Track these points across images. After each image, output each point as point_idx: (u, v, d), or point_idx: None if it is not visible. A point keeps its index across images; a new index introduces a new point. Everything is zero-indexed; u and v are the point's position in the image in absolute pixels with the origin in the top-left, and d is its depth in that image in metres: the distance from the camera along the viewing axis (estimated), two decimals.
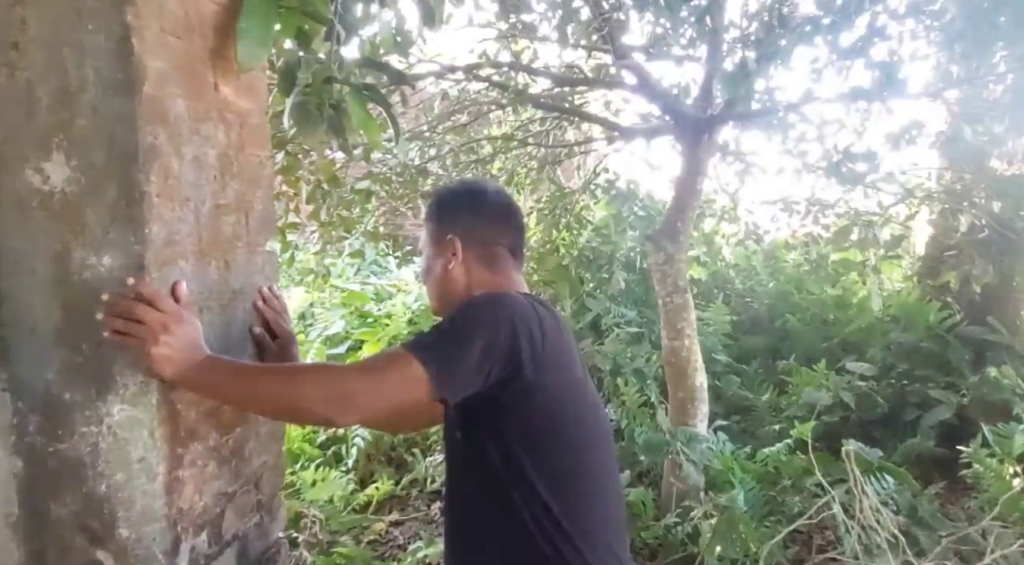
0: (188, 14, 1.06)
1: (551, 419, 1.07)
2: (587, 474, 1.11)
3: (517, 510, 1.05)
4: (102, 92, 0.96)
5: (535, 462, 1.05)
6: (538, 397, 1.05)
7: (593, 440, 1.13)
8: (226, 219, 1.17)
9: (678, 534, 2.77)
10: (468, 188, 1.35)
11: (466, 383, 1.00)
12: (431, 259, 1.26)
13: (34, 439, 1.02)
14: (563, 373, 1.10)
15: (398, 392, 0.99)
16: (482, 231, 1.23)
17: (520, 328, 1.03)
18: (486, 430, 1.06)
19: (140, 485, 1.00)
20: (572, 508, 1.06)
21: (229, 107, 1.18)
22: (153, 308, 0.95)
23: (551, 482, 1.05)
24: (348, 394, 0.96)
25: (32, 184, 0.98)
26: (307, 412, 1.01)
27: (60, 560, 1.03)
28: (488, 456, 1.06)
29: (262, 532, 1.29)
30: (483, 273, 1.21)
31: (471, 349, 0.99)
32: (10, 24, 0.96)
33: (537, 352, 1.03)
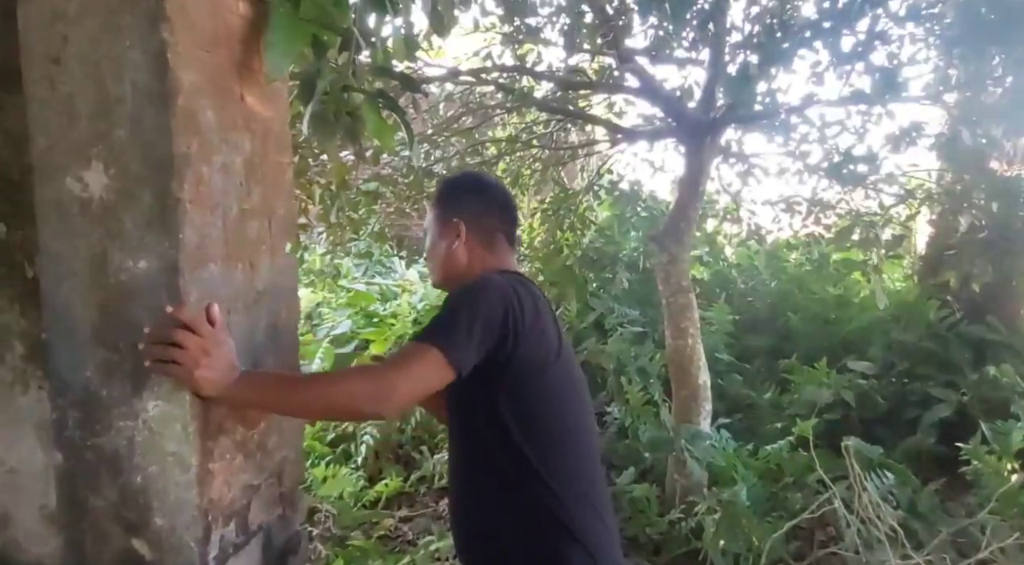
0: (217, 28, 1.12)
1: (531, 380, 1.23)
2: (563, 428, 1.26)
3: (503, 460, 1.21)
4: (139, 104, 1.01)
5: (518, 416, 1.21)
6: (520, 362, 1.20)
7: (569, 397, 1.29)
8: (251, 223, 1.22)
9: (682, 529, 2.81)
10: (473, 178, 1.58)
11: (473, 357, 1.16)
12: (437, 239, 1.43)
13: (73, 433, 1.07)
14: (541, 341, 1.24)
15: (431, 378, 1.13)
16: (484, 217, 1.41)
17: (507, 307, 1.19)
18: (478, 392, 1.21)
19: (173, 477, 1.05)
20: (549, 456, 1.22)
21: (254, 116, 1.23)
22: (192, 333, 1.00)
23: (531, 434, 1.21)
24: (389, 389, 1.09)
25: (72, 191, 1.03)
26: (355, 410, 1.17)
27: (97, 548, 1.08)
28: (479, 413, 1.23)
29: (285, 523, 1.34)
30: (483, 254, 1.39)
31: (474, 329, 1.15)
32: (51, 40, 1.01)
33: (519, 325, 1.19)
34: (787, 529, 2.65)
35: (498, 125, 4.91)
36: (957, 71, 2.76)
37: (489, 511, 1.25)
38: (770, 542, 2.54)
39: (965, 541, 2.48)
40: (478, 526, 1.28)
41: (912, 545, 2.29)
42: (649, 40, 3.62)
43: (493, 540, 1.25)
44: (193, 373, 1.00)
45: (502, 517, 1.23)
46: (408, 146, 1.64)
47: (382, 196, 3.85)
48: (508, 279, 1.27)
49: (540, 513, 1.20)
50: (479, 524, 1.28)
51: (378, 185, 3.76)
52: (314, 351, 4.34)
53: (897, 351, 4.22)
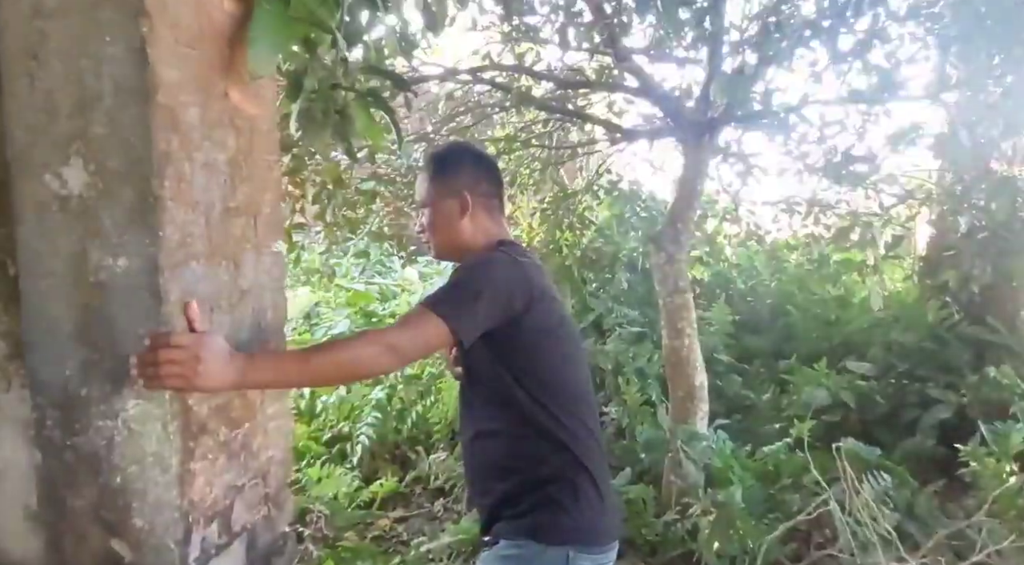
0: (200, 25, 1.11)
1: (535, 341, 1.32)
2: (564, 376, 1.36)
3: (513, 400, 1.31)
4: (118, 101, 1.00)
5: (523, 368, 1.31)
6: (524, 327, 1.30)
7: (567, 352, 1.38)
8: (236, 222, 1.21)
9: (678, 531, 2.80)
10: (466, 148, 1.59)
11: (476, 328, 1.23)
12: (439, 211, 1.43)
13: (52, 433, 1.06)
14: (548, 311, 1.33)
15: (430, 341, 1.22)
16: (483, 185, 1.44)
17: (513, 286, 1.28)
18: (488, 352, 1.30)
19: (153, 477, 1.04)
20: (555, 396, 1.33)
21: (239, 113, 1.22)
22: (176, 347, 0.98)
23: (536, 384, 1.32)
24: (396, 347, 1.17)
25: (51, 188, 1.02)
26: (367, 369, 1.24)
27: (77, 549, 1.08)
28: (490, 369, 1.32)
29: (270, 524, 1.33)
30: (486, 223, 1.43)
31: (478, 302, 1.22)
32: (30, 36, 1.00)
33: (523, 297, 1.28)
34: (783, 531, 2.63)
35: (497, 124, 4.90)
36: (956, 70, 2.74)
37: (502, 445, 1.34)
38: (766, 544, 2.52)
39: (962, 543, 2.46)
40: (493, 462, 1.36)
41: (909, 547, 2.27)
42: (647, 39, 3.61)
43: (509, 472, 1.33)
44: (193, 382, 0.98)
45: (515, 449, 1.32)
46: (398, 145, 1.63)
47: (380, 195, 3.84)
48: (513, 255, 1.34)
49: (548, 442, 1.31)
50: (494, 461, 1.35)
51: (375, 184, 3.75)
52: None
53: (897, 352, 4.20)
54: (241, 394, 1.21)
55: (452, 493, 3.38)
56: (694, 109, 3.21)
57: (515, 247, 1.42)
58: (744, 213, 4.88)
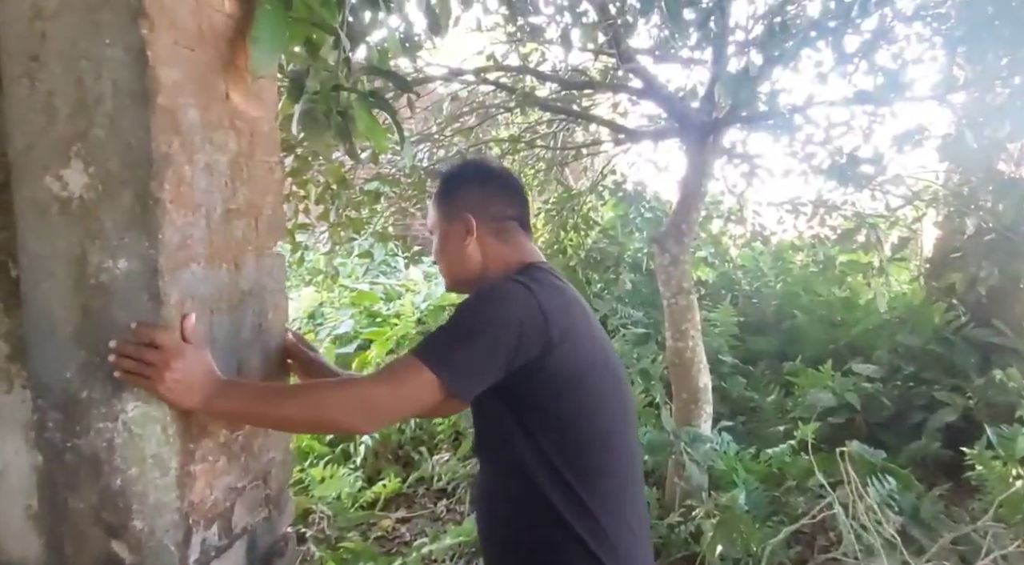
0: (200, 26, 1.10)
1: (554, 394, 1.10)
2: (598, 442, 1.12)
3: (530, 476, 1.09)
4: (118, 103, 1.00)
5: (547, 432, 1.10)
6: (547, 375, 1.08)
7: (607, 408, 1.14)
8: (236, 223, 1.21)
9: (681, 533, 2.79)
10: (474, 166, 1.40)
11: (475, 381, 1.06)
12: (445, 238, 1.28)
13: (53, 435, 1.06)
14: (563, 350, 1.09)
15: (416, 398, 1.05)
16: (492, 206, 1.26)
17: (524, 320, 1.06)
18: (496, 404, 1.11)
19: (153, 479, 1.04)
20: (583, 475, 1.10)
21: (240, 115, 1.22)
22: (156, 349, 0.99)
23: (562, 450, 1.09)
24: (372, 406, 1.03)
25: (52, 191, 1.02)
26: (335, 425, 1.12)
27: (77, 551, 1.07)
28: (497, 423, 1.13)
29: (270, 526, 1.33)
30: (497, 247, 1.25)
31: (476, 348, 1.04)
32: (30, 37, 1.00)
33: (538, 340, 1.06)
34: (787, 534, 2.62)
35: (501, 125, 4.90)
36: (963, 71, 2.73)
37: (505, 519, 1.16)
38: (770, 547, 2.51)
39: (968, 548, 2.44)
40: (495, 536, 1.20)
41: (914, 551, 2.26)
42: (652, 40, 3.60)
43: (509, 555, 1.17)
44: (158, 388, 0.99)
45: (520, 528, 1.13)
46: (400, 146, 1.63)
47: (384, 195, 3.84)
48: (529, 281, 1.13)
49: (562, 530, 1.09)
50: (496, 535, 1.19)
51: (379, 184, 3.75)
52: None
53: (903, 354, 4.18)
54: None
55: (455, 494, 3.38)
56: (698, 110, 3.20)
57: (539, 272, 1.19)
58: (749, 214, 4.86)
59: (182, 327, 1.04)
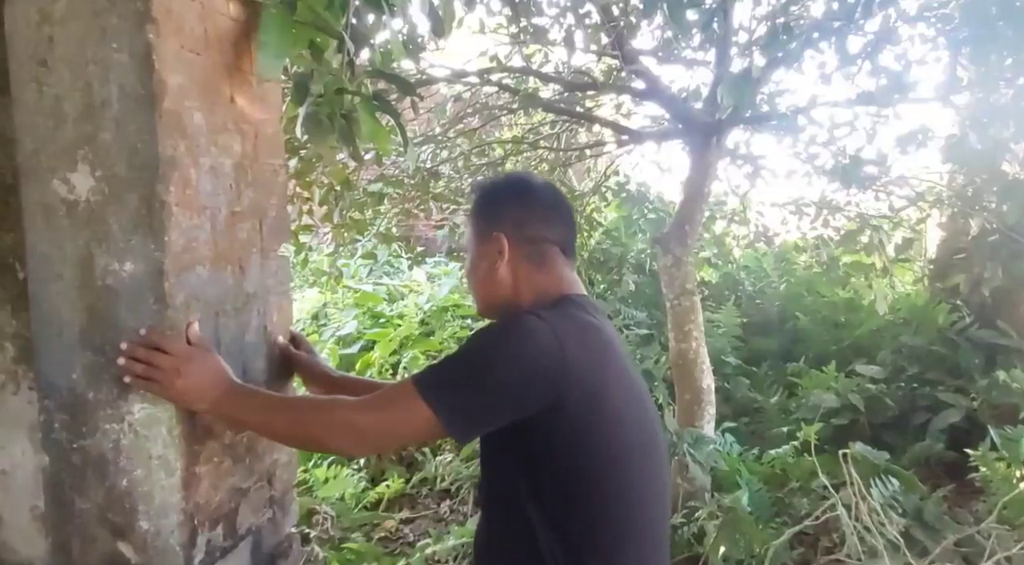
0: (206, 30, 1.11)
1: (580, 446, 0.98)
2: (620, 505, 1.01)
3: (535, 542, 0.99)
4: (125, 107, 1.01)
5: (557, 502, 0.99)
6: (549, 429, 0.97)
7: (633, 467, 1.02)
8: (241, 226, 1.22)
9: (684, 534, 2.79)
10: (515, 181, 1.24)
11: (474, 425, 0.98)
12: (476, 258, 1.17)
13: (60, 436, 1.07)
14: (596, 407, 0.98)
15: (407, 430, 1.01)
16: (530, 227, 1.13)
17: (540, 366, 0.95)
18: (508, 466, 1.02)
19: (159, 480, 1.05)
20: (600, 540, 0.99)
21: (244, 118, 1.22)
22: (164, 353, 1.00)
23: (574, 526, 0.98)
24: (361, 432, 1.00)
25: (59, 193, 1.03)
26: (324, 445, 1.07)
27: (83, 551, 1.08)
28: (509, 492, 1.03)
29: (275, 527, 1.33)
30: (531, 273, 1.12)
31: (481, 389, 0.95)
32: (38, 42, 1.01)
33: (548, 389, 0.95)
34: (790, 535, 2.62)
35: (505, 126, 4.91)
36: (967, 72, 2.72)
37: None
38: (773, 548, 2.51)
39: (971, 550, 2.44)
40: None
41: (917, 553, 2.25)
42: (655, 41, 3.60)
43: None
44: (168, 392, 1.01)
45: None
46: (404, 149, 1.64)
47: (388, 197, 3.85)
48: (559, 319, 1.01)
49: None
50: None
51: (383, 186, 3.76)
52: (320, 351, 4.35)
53: (907, 355, 4.17)
54: None
55: (458, 495, 3.39)
56: (702, 111, 3.20)
57: (574, 308, 1.07)
58: (753, 215, 4.86)
59: (187, 333, 1.05)
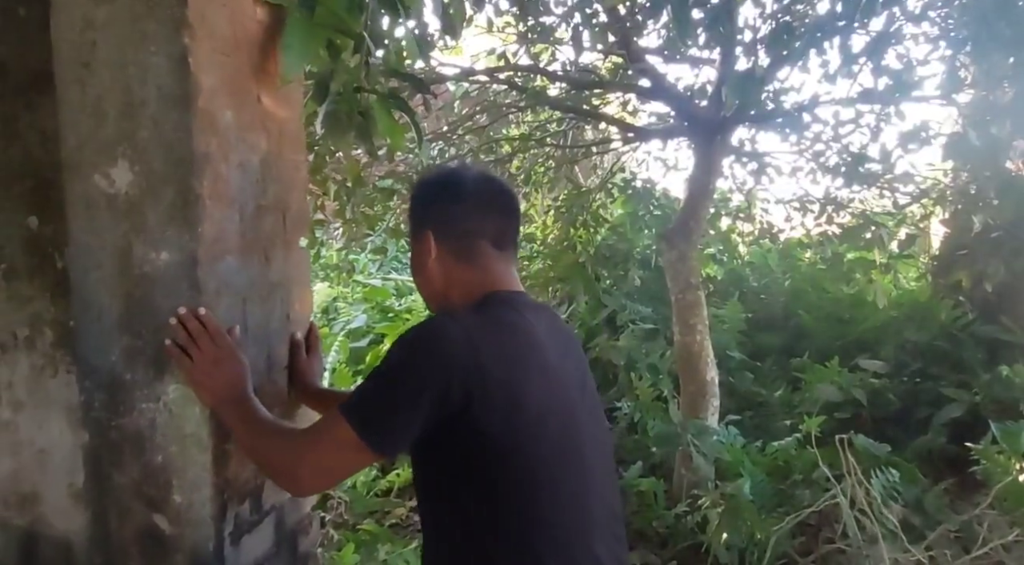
0: (235, 34, 1.18)
1: (496, 460, 0.96)
2: (534, 506, 0.98)
3: (460, 543, 1.00)
4: (161, 106, 1.07)
5: (472, 491, 0.98)
6: (478, 438, 0.95)
7: (557, 473, 1.00)
8: (266, 218, 1.28)
9: (687, 523, 2.85)
10: (444, 176, 1.21)
11: (398, 438, 0.96)
12: (412, 257, 1.18)
13: (99, 414, 1.14)
14: (510, 406, 0.96)
15: (340, 461, 0.98)
16: (457, 222, 1.12)
17: (452, 367, 0.93)
18: (426, 461, 1.04)
19: (192, 456, 1.12)
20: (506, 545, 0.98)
21: (270, 116, 1.29)
22: (213, 342, 1.06)
23: (487, 512, 0.98)
24: (299, 470, 0.98)
25: (100, 187, 1.10)
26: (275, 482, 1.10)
27: (120, 523, 1.15)
28: (436, 492, 1.04)
29: (296, 505, 1.40)
30: (460, 270, 1.11)
31: (393, 401, 0.95)
32: (82, 46, 1.08)
33: (469, 397, 0.93)
34: (792, 524, 2.68)
35: (512, 123, 4.96)
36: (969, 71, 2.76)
37: None
38: (774, 537, 2.57)
39: (967, 536, 2.49)
40: None
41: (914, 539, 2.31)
42: (661, 39, 3.65)
43: None
44: (195, 376, 1.07)
45: None
46: (417, 145, 1.70)
47: (398, 192, 3.92)
48: (473, 318, 1.01)
49: None
50: None
51: (393, 182, 3.83)
52: (330, 345, 4.43)
53: (910, 350, 4.22)
54: (271, 380, 1.28)
55: None
56: (707, 109, 3.25)
57: (496, 307, 1.06)
58: (757, 211, 4.91)
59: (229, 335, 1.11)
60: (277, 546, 1.32)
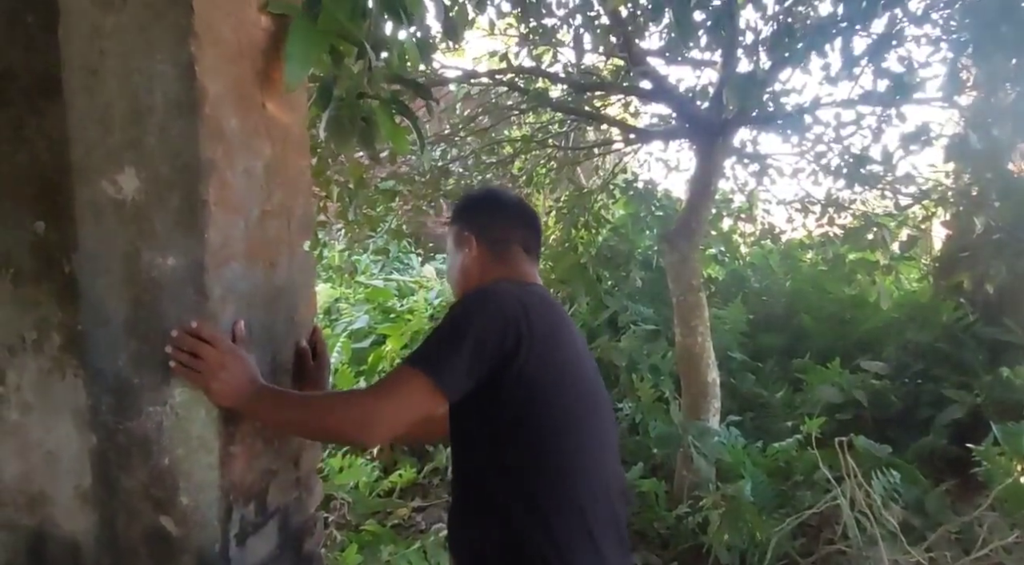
0: (240, 41, 1.19)
1: (534, 402, 1.14)
2: (569, 453, 1.16)
3: (498, 484, 1.17)
4: (168, 113, 1.08)
5: (519, 440, 1.15)
6: (525, 379, 1.13)
7: (580, 420, 1.19)
8: (271, 223, 1.30)
9: (688, 524, 2.86)
10: (486, 192, 1.55)
11: (463, 382, 1.11)
12: (452, 256, 1.42)
13: (107, 418, 1.15)
14: (549, 358, 1.16)
15: (414, 405, 1.11)
16: (496, 229, 1.38)
17: (508, 320, 1.13)
18: (475, 415, 1.17)
19: (198, 459, 1.13)
20: (547, 488, 1.15)
21: (274, 122, 1.30)
22: (212, 347, 1.08)
23: (529, 459, 1.15)
24: (373, 418, 1.09)
25: (107, 193, 1.11)
26: (340, 438, 1.22)
27: (128, 525, 1.17)
28: (475, 436, 1.19)
29: (300, 506, 1.41)
30: (494, 266, 1.34)
31: (463, 349, 1.10)
32: (90, 54, 1.09)
33: (524, 340, 1.12)
34: (793, 525, 2.69)
35: (514, 125, 4.98)
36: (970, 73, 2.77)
37: (479, 533, 1.21)
38: (775, 538, 2.58)
39: (967, 537, 2.49)
40: (467, 546, 1.26)
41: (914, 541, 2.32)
42: (662, 41, 3.66)
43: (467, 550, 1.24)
44: (209, 384, 1.08)
45: (490, 543, 1.19)
46: (420, 148, 1.71)
47: (399, 194, 3.93)
48: (517, 289, 1.22)
49: (528, 545, 1.14)
50: (469, 544, 1.25)
51: (395, 183, 3.85)
52: (332, 345, 4.45)
53: (911, 352, 4.23)
54: (276, 383, 1.29)
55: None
56: (707, 110, 3.26)
57: (531, 287, 1.29)
58: (759, 212, 4.91)
59: (233, 331, 1.13)
60: (281, 547, 1.33)
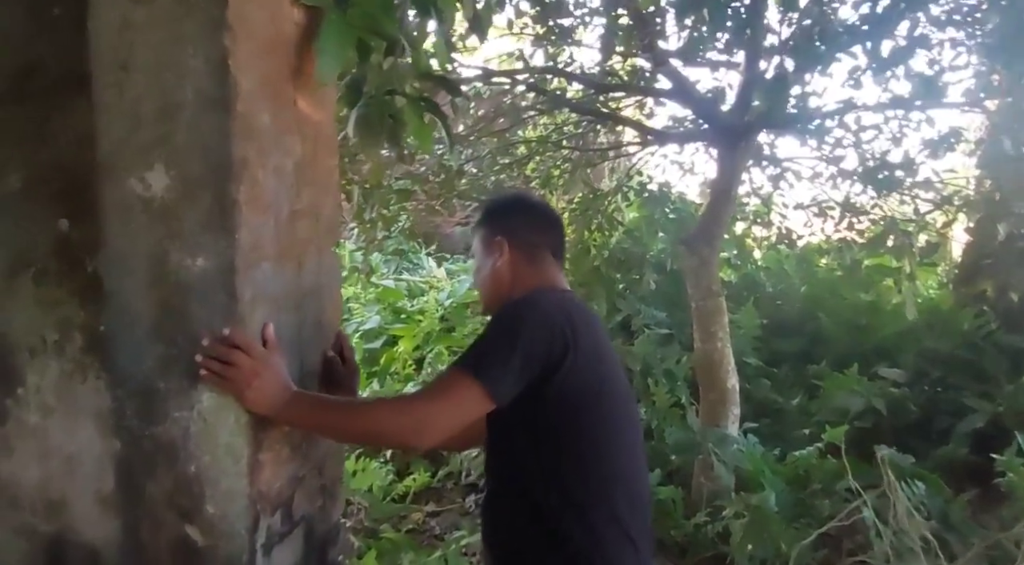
0: (273, 35, 1.15)
1: (577, 410, 1.17)
2: (609, 460, 1.20)
3: (537, 485, 1.18)
4: (199, 109, 1.05)
5: (558, 446, 1.18)
6: (568, 386, 1.15)
7: (618, 428, 1.23)
8: (300, 223, 1.26)
9: (708, 533, 2.82)
10: (515, 197, 1.57)
11: (512, 387, 1.13)
12: (481, 260, 1.40)
13: (131, 423, 1.12)
14: (592, 367, 1.18)
15: (466, 410, 1.13)
16: (526, 234, 1.37)
17: (555, 329, 1.14)
18: (518, 420, 1.18)
19: (226, 466, 1.09)
20: (589, 493, 1.18)
21: (305, 120, 1.26)
22: (246, 355, 1.05)
23: (572, 465, 1.18)
24: (424, 422, 1.10)
25: (135, 191, 1.08)
26: (390, 441, 1.27)
27: (153, 534, 1.13)
28: (516, 441, 1.20)
29: (325, 515, 1.38)
30: (526, 271, 1.34)
31: (514, 355, 1.11)
32: (120, 47, 1.06)
33: (569, 349, 1.14)
34: (815, 537, 2.64)
35: (529, 125, 4.94)
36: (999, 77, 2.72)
37: (517, 535, 1.23)
38: (798, 549, 2.53)
39: (998, 554, 2.44)
40: (505, 547, 1.27)
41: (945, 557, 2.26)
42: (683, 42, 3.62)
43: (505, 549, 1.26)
44: (243, 392, 1.05)
45: (529, 543, 1.21)
46: (448, 148, 1.68)
47: (413, 194, 3.90)
48: (559, 298, 1.25)
49: (569, 544, 1.17)
50: (507, 545, 1.26)
51: (410, 183, 3.81)
52: None
53: (930, 359, 4.16)
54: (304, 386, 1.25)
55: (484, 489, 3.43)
56: (730, 113, 3.21)
57: (565, 293, 1.33)
58: (775, 216, 4.86)
59: (263, 335, 1.09)
60: (307, 557, 1.30)
